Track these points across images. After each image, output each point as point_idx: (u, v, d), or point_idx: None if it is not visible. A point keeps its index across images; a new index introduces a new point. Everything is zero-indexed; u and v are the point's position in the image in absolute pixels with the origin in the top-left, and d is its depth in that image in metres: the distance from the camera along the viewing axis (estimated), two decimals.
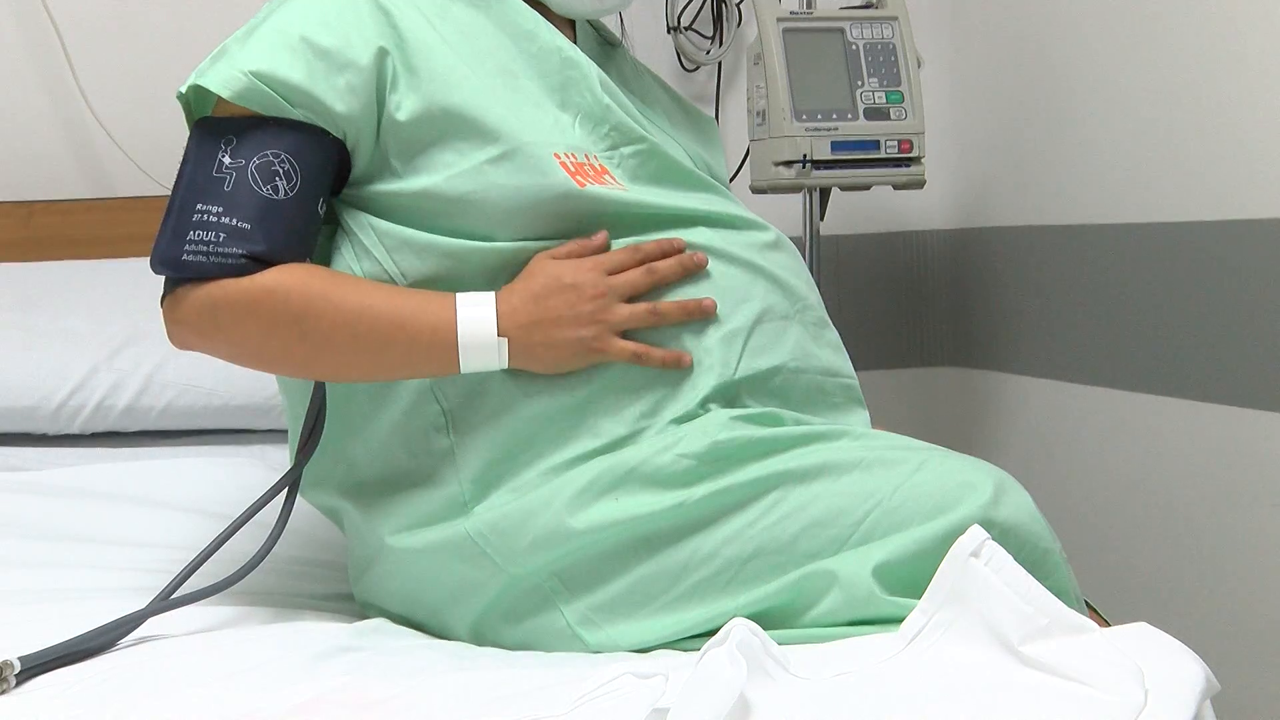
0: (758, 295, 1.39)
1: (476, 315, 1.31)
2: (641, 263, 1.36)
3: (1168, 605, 2.17)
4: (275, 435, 2.01)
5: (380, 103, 1.36)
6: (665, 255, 1.37)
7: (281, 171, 1.32)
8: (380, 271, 1.36)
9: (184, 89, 1.37)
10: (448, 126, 1.36)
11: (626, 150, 1.43)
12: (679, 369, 1.35)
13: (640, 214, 1.38)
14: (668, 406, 1.34)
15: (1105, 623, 1.32)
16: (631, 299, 1.35)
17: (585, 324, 1.33)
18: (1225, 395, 2.05)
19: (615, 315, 1.34)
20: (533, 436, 1.34)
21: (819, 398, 1.43)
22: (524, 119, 1.38)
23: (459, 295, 1.33)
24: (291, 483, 1.40)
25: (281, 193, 1.32)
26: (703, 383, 1.35)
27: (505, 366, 1.32)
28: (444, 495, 1.35)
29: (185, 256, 1.31)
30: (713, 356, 1.36)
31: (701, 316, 1.36)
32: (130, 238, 2.20)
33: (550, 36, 1.45)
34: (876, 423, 1.48)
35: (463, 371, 1.32)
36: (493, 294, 1.33)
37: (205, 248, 1.31)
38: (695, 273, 1.37)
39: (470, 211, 1.35)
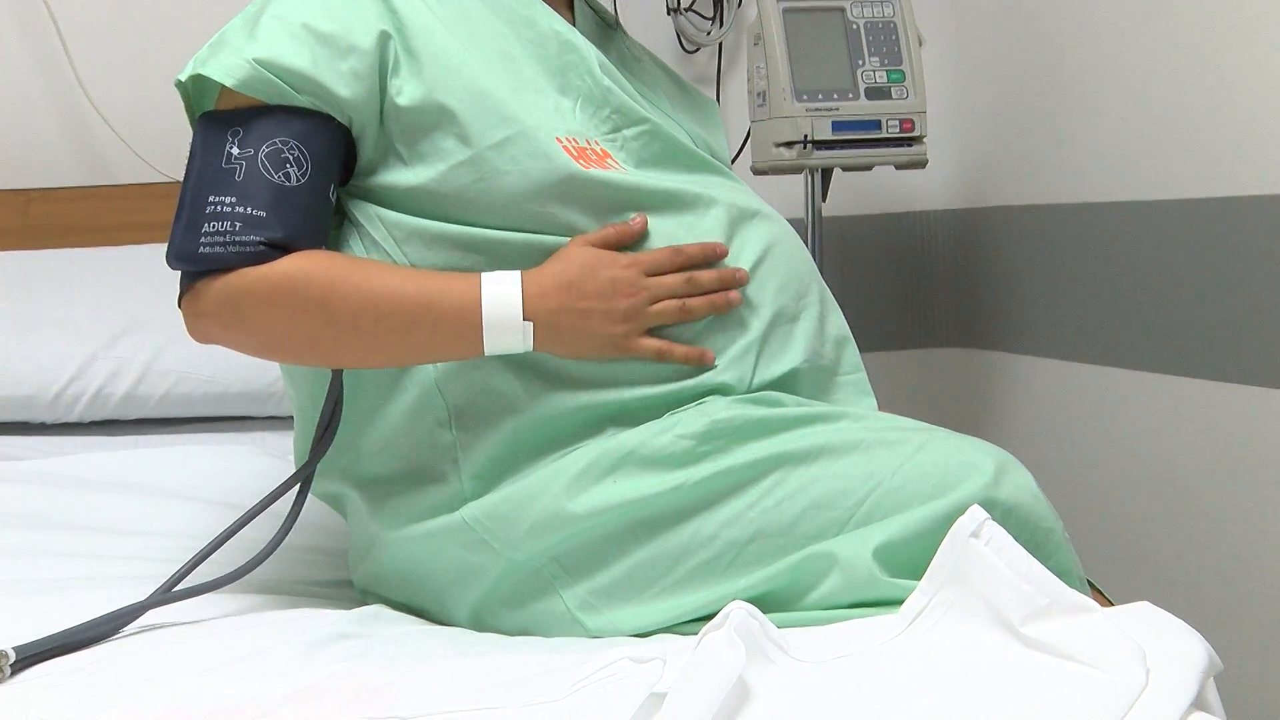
0: (768, 299, 1.39)
1: (502, 295, 1.30)
2: (682, 266, 1.34)
3: (1172, 584, 2.16)
4: (275, 422, 2.00)
5: (383, 87, 1.35)
6: (707, 259, 1.36)
7: (291, 158, 1.31)
8: (390, 263, 1.35)
9: (183, 78, 1.36)
10: (448, 112, 1.34)
11: (629, 133, 1.42)
12: (701, 365, 1.34)
13: (646, 196, 1.37)
14: (678, 422, 1.32)
15: (1108, 602, 1.32)
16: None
17: (616, 321, 1.32)
18: (1230, 373, 2.04)
19: (646, 316, 1.33)
20: (535, 437, 1.33)
21: (825, 396, 1.43)
22: (525, 104, 1.37)
23: (485, 274, 1.31)
24: (305, 478, 1.39)
25: (294, 179, 1.31)
26: (717, 404, 1.33)
27: (530, 349, 1.31)
28: (446, 491, 1.34)
29: (202, 249, 1.30)
30: (728, 375, 1.35)
31: (728, 310, 1.35)
32: (129, 225, 2.19)
33: (547, 21, 1.44)
34: (881, 404, 1.47)
35: (486, 353, 1.31)
36: (519, 273, 1.31)
37: (222, 238, 1.29)
38: (735, 287, 1.36)
39: (476, 200, 1.34)
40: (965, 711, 0.98)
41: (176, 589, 1.33)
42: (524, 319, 1.29)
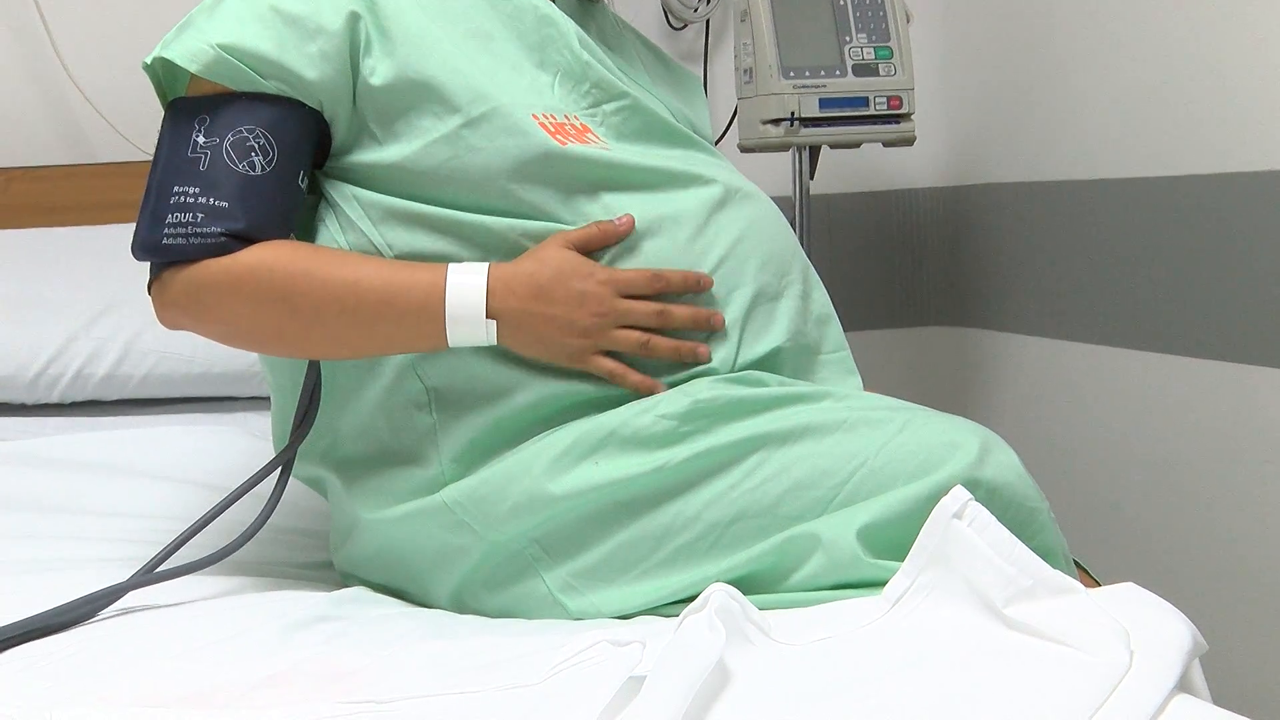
0: (749, 278, 1.37)
1: (466, 288, 1.28)
2: (659, 292, 1.32)
3: (1159, 564, 2.16)
4: (257, 403, 1.99)
5: (354, 68, 1.34)
6: (687, 289, 1.33)
7: (257, 147, 1.30)
8: (366, 244, 1.34)
9: (149, 60, 1.35)
10: (423, 91, 1.33)
11: (609, 107, 1.41)
12: (651, 394, 1.31)
13: (625, 173, 1.36)
14: (660, 402, 1.31)
15: (1095, 582, 1.31)
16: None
17: (575, 335, 1.30)
18: (1219, 351, 2.03)
19: (608, 337, 1.31)
20: (516, 422, 1.32)
21: (808, 375, 1.42)
22: (500, 81, 1.36)
23: (451, 266, 1.30)
24: (285, 462, 1.38)
25: (258, 169, 1.30)
26: (699, 383, 1.32)
27: (494, 344, 1.30)
28: (426, 473, 1.33)
29: (165, 240, 1.30)
30: (712, 356, 1.34)
31: (694, 361, 1.32)
32: (109, 204, 2.17)
33: None
34: (868, 383, 1.46)
35: (450, 345, 1.30)
36: (486, 266, 1.30)
37: (184, 229, 1.29)
38: (710, 330, 1.33)
39: (452, 179, 1.33)
40: (948, 694, 0.98)
41: (156, 571, 1.32)
42: (488, 316, 1.28)
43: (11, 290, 1.99)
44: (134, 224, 1.33)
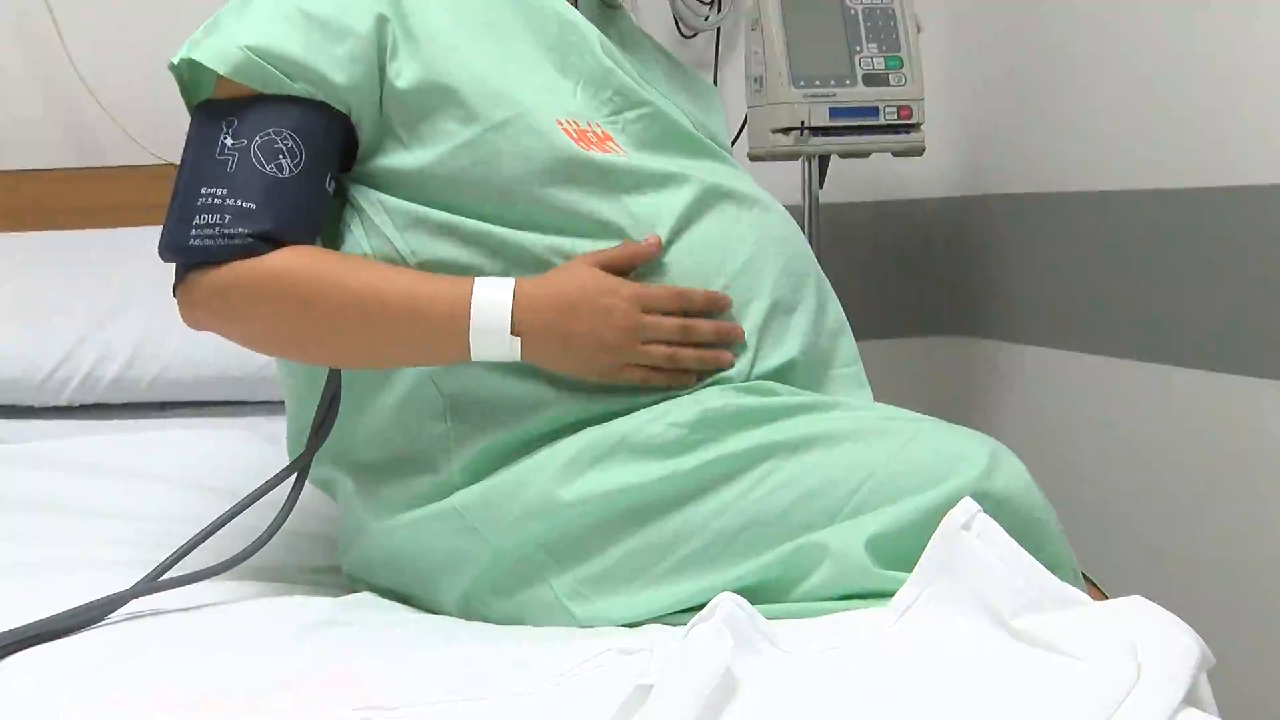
0: (766, 289, 1.37)
1: (492, 302, 1.28)
2: (683, 310, 1.32)
3: (1166, 577, 2.16)
4: (268, 407, 1.98)
5: (381, 70, 1.34)
6: (709, 307, 1.33)
7: (285, 149, 1.30)
8: (390, 250, 1.34)
9: (176, 60, 1.35)
10: (447, 94, 1.33)
11: (630, 115, 1.41)
12: (682, 386, 1.32)
13: (645, 181, 1.36)
14: (670, 410, 1.31)
15: (1102, 595, 1.31)
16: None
17: (603, 351, 1.30)
18: (1225, 363, 2.03)
19: (635, 352, 1.31)
20: (530, 434, 1.31)
21: (820, 388, 1.42)
22: (524, 86, 1.36)
23: (477, 280, 1.30)
24: (301, 469, 1.38)
25: (286, 170, 1.30)
26: (710, 392, 1.32)
27: (517, 359, 1.29)
28: (435, 480, 1.33)
29: (192, 241, 1.30)
30: (728, 369, 1.34)
31: (716, 368, 1.33)
32: (119, 207, 2.17)
33: (549, 0, 1.43)
34: (875, 393, 1.46)
35: (473, 359, 1.29)
36: (512, 281, 1.29)
37: (211, 231, 1.29)
38: (731, 344, 1.34)
39: (475, 184, 1.33)
40: (955, 706, 0.98)
41: (163, 578, 1.32)
42: (512, 332, 1.28)
43: (20, 292, 1.99)
44: (142, 227, 1.35)
